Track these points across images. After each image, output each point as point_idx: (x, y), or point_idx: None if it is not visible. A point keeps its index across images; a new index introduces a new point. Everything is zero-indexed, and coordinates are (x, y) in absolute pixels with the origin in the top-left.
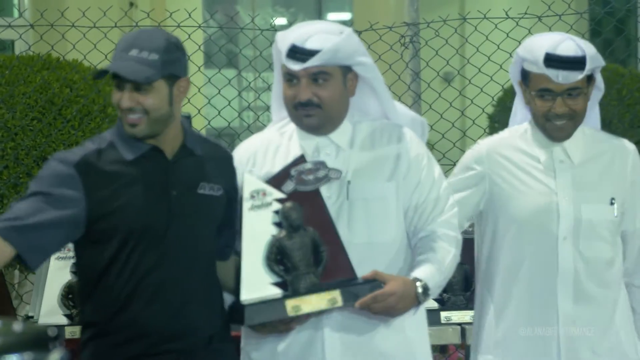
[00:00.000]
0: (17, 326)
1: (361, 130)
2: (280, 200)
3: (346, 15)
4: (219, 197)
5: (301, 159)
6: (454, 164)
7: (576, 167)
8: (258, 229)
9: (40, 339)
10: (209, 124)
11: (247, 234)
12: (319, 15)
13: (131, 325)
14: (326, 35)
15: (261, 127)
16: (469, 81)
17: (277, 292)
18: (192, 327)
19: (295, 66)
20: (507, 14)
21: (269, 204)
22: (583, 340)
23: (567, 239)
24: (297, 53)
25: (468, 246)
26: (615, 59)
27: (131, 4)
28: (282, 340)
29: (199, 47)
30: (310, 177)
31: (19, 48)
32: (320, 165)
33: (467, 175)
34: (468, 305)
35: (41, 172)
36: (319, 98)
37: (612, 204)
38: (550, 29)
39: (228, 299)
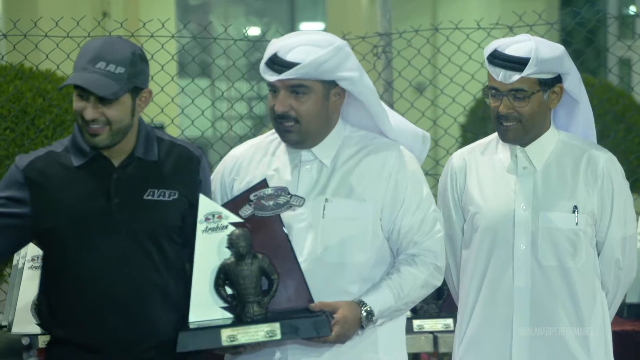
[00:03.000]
0: None
1: (349, 146)
2: (236, 224)
3: (319, 25)
4: (170, 202)
5: (263, 184)
6: (427, 173)
7: (539, 173)
8: (211, 252)
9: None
10: (182, 133)
11: (198, 257)
12: (292, 25)
13: (84, 335)
14: (311, 47)
15: (234, 137)
16: (441, 91)
17: (227, 315)
18: (147, 335)
19: (270, 77)
20: (478, 25)
21: (224, 227)
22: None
23: (526, 248)
24: (275, 64)
25: None
26: (586, 69)
27: (104, 14)
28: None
29: (172, 57)
30: (270, 202)
31: None
32: (282, 191)
33: (446, 197)
34: (440, 313)
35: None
36: (296, 111)
37: (574, 212)
38: None
39: None
